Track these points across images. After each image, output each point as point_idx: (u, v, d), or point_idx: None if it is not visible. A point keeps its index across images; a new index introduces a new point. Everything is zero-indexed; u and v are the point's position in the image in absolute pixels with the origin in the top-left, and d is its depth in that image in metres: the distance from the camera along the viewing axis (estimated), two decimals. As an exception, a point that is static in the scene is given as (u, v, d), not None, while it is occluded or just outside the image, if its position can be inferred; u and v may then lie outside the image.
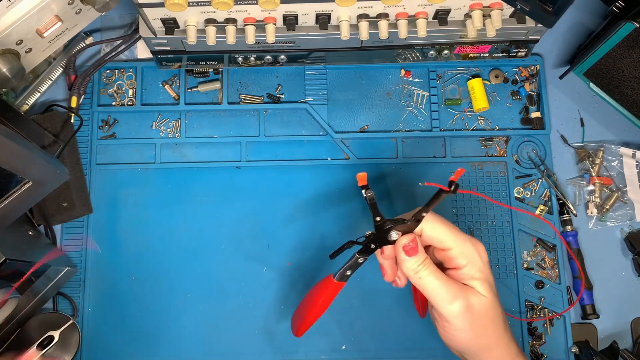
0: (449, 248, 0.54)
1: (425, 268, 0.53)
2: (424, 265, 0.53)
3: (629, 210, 0.73)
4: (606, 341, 0.70)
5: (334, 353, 0.69)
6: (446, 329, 0.54)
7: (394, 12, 0.61)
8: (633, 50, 0.64)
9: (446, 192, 0.52)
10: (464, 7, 0.61)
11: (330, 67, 0.75)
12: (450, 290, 0.53)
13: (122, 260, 0.71)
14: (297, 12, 0.61)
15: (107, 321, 0.70)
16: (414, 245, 0.53)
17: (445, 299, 0.53)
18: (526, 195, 0.73)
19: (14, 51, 0.61)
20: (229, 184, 0.73)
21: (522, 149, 0.74)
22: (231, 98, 0.75)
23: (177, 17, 0.61)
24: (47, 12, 0.61)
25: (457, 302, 0.52)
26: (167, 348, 0.69)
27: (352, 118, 0.75)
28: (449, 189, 0.51)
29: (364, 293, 0.70)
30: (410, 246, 0.53)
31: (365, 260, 0.56)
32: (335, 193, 0.72)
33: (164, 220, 0.72)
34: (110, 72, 0.75)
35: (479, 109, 0.74)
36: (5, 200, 0.49)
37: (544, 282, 0.70)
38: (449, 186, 0.51)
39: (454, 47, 0.70)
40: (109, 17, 0.77)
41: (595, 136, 0.75)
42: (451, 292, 0.53)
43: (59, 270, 0.66)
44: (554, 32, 0.77)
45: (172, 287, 0.70)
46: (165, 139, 0.74)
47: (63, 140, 0.70)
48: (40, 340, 0.67)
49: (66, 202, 0.69)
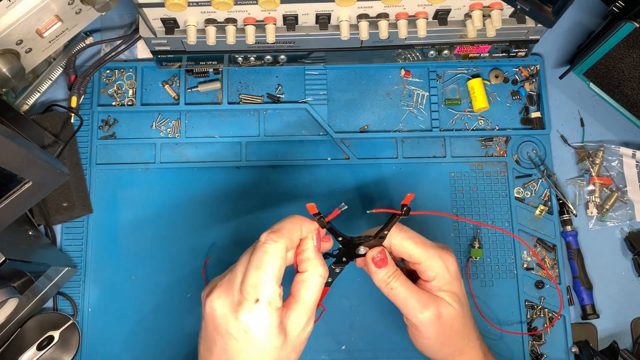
0: (418, 262, 0.55)
1: (396, 279, 0.55)
2: (394, 276, 0.55)
3: (629, 210, 0.73)
4: (606, 341, 0.70)
5: (334, 353, 0.69)
6: (416, 336, 0.57)
7: (394, 12, 0.61)
8: (633, 50, 0.64)
9: (399, 215, 0.54)
10: (464, 7, 0.61)
11: (330, 67, 0.75)
12: (420, 299, 0.54)
13: (122, 260, 0.71)
14: (297, 12, 0.61)
15: (107, 321, 0.70)
16: (383, 257, 0.55)
17: (416, 308, 0.54)
18: (526, 195, 0.73)
19: (14, 51, 0.61)
20: (229, 184, 0.73)
21: (522, 149, 0.74)
22: (231, 98, 0.75)
23: (177, 17, 0.61)
24: (47, 12, 0.61)
25: (427, 312, 0.54)
26: (167, 348, 0.69)
27: (352, 118, 0.75)
28: (401, 212, 0.53)
29: (364, 293, 0.70)
30: (378, 257, 0.55)
31: (342, 270, 0.57)
32: (335, 193, 0.72)
33: (164, 220, 0.72)
34: (110, 72, 0.75)
35: (479, 109, 0.74)
36: (5, 200, 0.48)
37: (544, 282, 0.70)
38: (401, 209, 0.53)
39: (454, 47, 0.70)
40: (109, 17, 0.77)
41: (595, 136, 0.75)
42: (421, 302, 0.54)
43: (59, 270, 0.66)
44: (554, 32, 0.77)
45: (172, 287, 0.70)
46: (165, 139, 0.74)
47: (63, 140, 0.70)
48: (40, 340, 0.67)
49: (66, 202, 0.69)
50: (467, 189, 0.73)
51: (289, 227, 0.51)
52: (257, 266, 0.48)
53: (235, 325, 0.48)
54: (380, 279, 0.55)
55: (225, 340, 0.49)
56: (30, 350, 0.66)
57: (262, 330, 0.48)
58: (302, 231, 0.52)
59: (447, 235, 0.72)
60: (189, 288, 0.70)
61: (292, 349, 0.50)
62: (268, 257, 0.48)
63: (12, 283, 0.59)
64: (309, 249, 0.52)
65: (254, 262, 0.48)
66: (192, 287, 0.70)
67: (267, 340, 0.48)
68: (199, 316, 0.53)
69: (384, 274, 0.55)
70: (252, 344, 0.48)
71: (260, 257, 0.48)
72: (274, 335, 0.48)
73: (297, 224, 0.51)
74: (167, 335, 0.69)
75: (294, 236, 0.51)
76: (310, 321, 0.51)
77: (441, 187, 0.73)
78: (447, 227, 0.72)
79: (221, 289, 0.49)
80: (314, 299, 0.51)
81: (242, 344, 0.48)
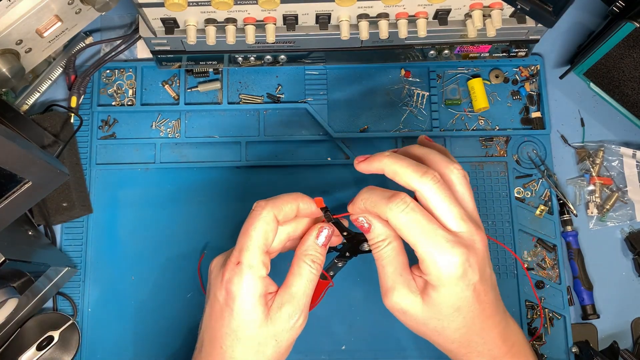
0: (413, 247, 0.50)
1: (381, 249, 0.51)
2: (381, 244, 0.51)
3: (629, 210, 0.73)
4: (606, 341, 0.70)
5: (334, 353, 0.69)
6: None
7: (394, 12, 0.61)
8: (633, 50, 0.64)
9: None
10: (464, 7, 0.61)
11: (330, 67, 0.75)
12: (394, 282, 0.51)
13: (122, 260, 0.71)
14: (297, 12, 0.61)
15: (107, 321, 0.69)
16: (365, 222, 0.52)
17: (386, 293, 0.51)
18: (526, 195, 0.73)
19: (14, 51, 0.61)
20: (229, 184, 0.73)
21: (522, 149, 0.74)
22: (231, 98, 0.75)
23: (177, 17, 0.61)
24: (47, 12, 0.61)
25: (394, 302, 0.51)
26: (167, 348, 0.69)
27: (352, 118, 0.74)
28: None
29: (364, 293, 0.70)
30: (361, 222, 0.52)
31: (344, 264, 0.57)
32: (335, 193, 0.72)
33: (164, 220, 0.72)
34: (110, 72, 0.75)
35: (479, 109, 0.74)
36: (5, 200, 0.48)
37: (544, 282, 0.70)
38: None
39: (454, 47, 0.70)
40: (109, 17, 0.77)
41: (595, 136, 0.75)
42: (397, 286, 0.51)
43: (59, 270, 0.66)
44: (554, 32, 0.77)
45: (172, 287, 0.70)
46: (165, 139, 0.74)
47: (63, 140, 0.70)
48: (40, 340, 0.67)
49: (66, 202, 0.69)
50: (467, 189, 0.73)
51: (283, 198, 0.51)
52: (243, 232, 0.50)
53: (219, 286, 0.49)
54: (370, 242, 0.52)
55: (212, 303, 0.50)
56: (30, 351, 0.66)
57: (241, 295, 0.48)
58: (300, 207, 0.52)
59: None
60: (189, 288, 0.70)
61: (272, 335, 0.49)
62: (253, 222, 0.49)
63: (12, 283, 0.59)
64: (308, 240, 0.52)
65: (242, 228, 0.50)
66: (192, 287, 0.70)
67: (244, 309, 0.48)
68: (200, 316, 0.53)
69: (371, 237, 0.52)
70: (231, 310, 0.48)
71: (247, 222, 0.50)
72: (253, 305, 0.48)
73: (292, 197, 0.52)
74: (167, 335, 0.69)
75: (285, 207, 0.51)
76: (298, 313, 0.50)
77: (441, 187, 0.73)
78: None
79: (223, 253, 0.52)
80: (302, 290, 0.50)
81: (222, 307, 0.49)
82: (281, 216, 0.51)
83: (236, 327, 0.49)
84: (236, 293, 0.48)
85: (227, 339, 0.49)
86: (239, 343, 0.49)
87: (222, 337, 0.50)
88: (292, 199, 0.52)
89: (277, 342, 0.50)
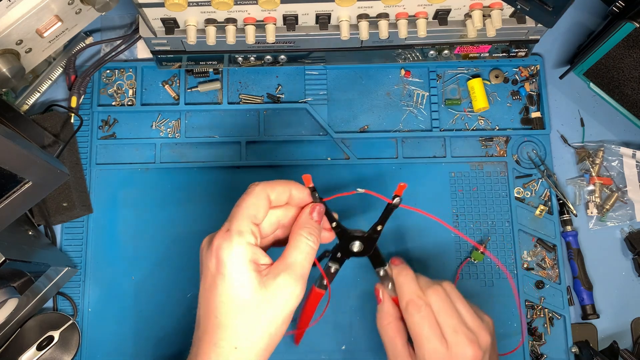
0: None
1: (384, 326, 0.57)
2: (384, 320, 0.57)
3: (629, 210, 0.73)
4: (606, 341, 0.70)
5: (334, 353, 0.69)
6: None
7: (394, 12, 0.61)
8: (633, 50, 0.64)
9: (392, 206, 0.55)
10: (464, 7, 0.61)
11: (330, 67, 0.75)
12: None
13: (122, 260, 0.71)
14: (297, 12, 0.61)
15: (107, 321, 0.69)
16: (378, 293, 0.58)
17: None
18: (526, 195, 0.73)
19: (14, 51, 0.61)
20: (229, 184, 0.73)
21: (522, 149, 0.74)
22: (231, 98, 0.75)
23: (177, 17, 0.61)
24: (47, 12, 0.61)
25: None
26: (167, 348, 0.69)
27: (352, 118, 0.75)
28: (391, 201, 0.55)
29: (364, 294, 0.70)
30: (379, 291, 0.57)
31: (337, 270, 0.57)
32: (335, 193, 0.72)
33: (164, 220, 0.72)
34: (110, 72, 0.75)
35: (479, 109, 0.74)
36: (5, 200, 0.48)
37: (544, 282, 0.70)
38: (392, 199, 0.55)
39: (454, 47, 0.70)
40: (109, 17, 0.77)
41: (595, 136, 0.75)
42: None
43: (59, 270, 0.66)
44: (554, 32, 0.77)
45: (172, 287, 0.70)
46: (165, 139, 0.74)
47: (63, 140, 0.70)
48: (40, 340, 0.67)
49: (66, 202, 0.69)
50: (467, 189, 0.73)
51: (277, 182, 0.53)
52: (236, 204, 0.51)
53: (209, 256, 0.49)
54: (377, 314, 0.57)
55: (204, 275, 0.50)
56: (30, 351, 0.66)
57: (230, 259, 0.48)
58: (292, 194, 0.53)
59: (447, 234, 0.72)
60: (189, 288, 0.70)
61: (267, 302, 0.48)
62: (246, 196, 0.51)
63: (12, 283, 0.59)
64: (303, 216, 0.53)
65: (236, 202, 0.52)
66: (192, 287, 0.70)
67: (236, 272, 0.48)
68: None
69: (378, 311, 0.57)
70: (222, 276, 0.48)
71: (241, 197, 0.52)
72: (244, 269, 0.48)
73: (285, 182, 0.53)
74: (167, 335, 0.69)
75: (278, 187, 0.52)
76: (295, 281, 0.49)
77: (441, 187, 0.73)
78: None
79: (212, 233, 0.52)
80: (299, 261, 0.50)
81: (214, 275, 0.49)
82: (273, 196, 0.52)
83: (229, 293, 0.48)
84: (225, 258, 0.48)
85: (222, 307, 0.48)
86: (233, 310, 0.48)
87: (216, 307, 0.49)
88: (285, 183, 0.53)
89: (273, 311, 0.48)
